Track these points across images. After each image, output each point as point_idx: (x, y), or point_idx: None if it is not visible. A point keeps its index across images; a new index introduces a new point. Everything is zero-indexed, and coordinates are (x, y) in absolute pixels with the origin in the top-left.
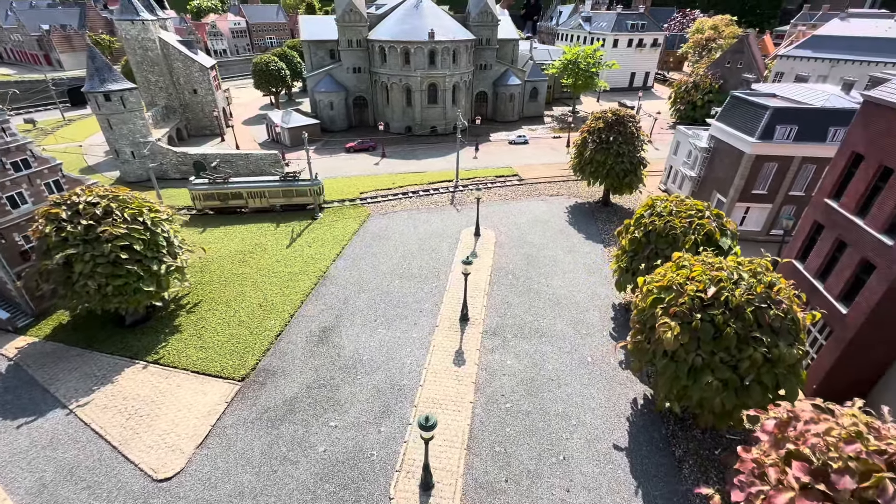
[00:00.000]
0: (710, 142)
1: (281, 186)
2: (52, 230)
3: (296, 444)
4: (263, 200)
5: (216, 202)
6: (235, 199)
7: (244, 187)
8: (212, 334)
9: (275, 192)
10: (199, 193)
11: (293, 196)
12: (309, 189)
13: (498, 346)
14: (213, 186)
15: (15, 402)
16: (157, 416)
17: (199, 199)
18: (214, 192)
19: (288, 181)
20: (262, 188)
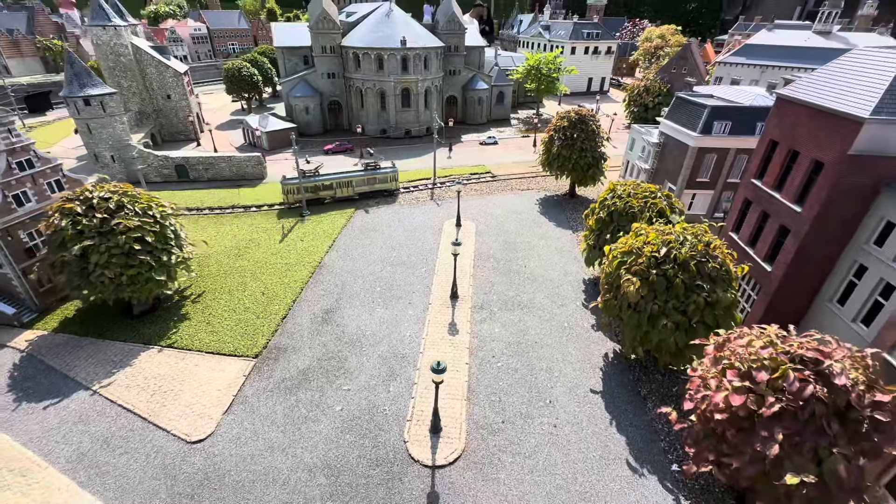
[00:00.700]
0: (660, 138)
1: (365, 175)
2: (69, 224)
3: (314, 405)
4: (349, 189)
5: (308, 194)
6: (326, 190)
7: (334, 179)
8: (220, 320)
9: (360, 180)
10: (293, 187)
11: (375, 183)
12: (388, 176)
13: (486, 317)
14: (307, 179)
15: (36, 388)
16: (181, 391)
17: (293, 192)
18: (309, 184)
19: (370, 170)
20: (349, 178)
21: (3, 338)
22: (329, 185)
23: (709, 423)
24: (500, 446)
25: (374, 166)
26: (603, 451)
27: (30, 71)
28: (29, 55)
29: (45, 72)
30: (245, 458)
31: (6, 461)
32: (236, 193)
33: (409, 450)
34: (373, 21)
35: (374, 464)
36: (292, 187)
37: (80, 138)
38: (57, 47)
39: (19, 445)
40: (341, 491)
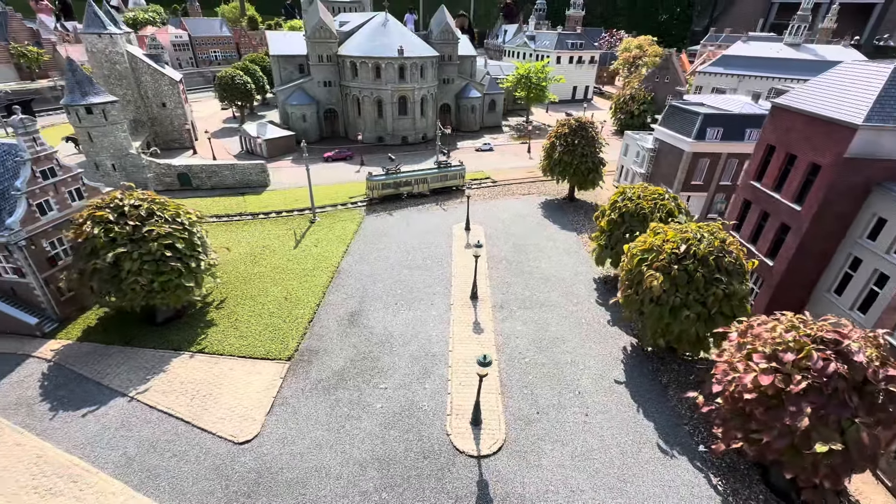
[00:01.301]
0: (655, 143)
1: (439, 172)
2: (101, 231)
3: (354, 404)
4: (425, 185)
5: (390, 190)
6: (405, 186)
7: (412, 176)
8: (247, 325)
9: (434, 177)
10: (378, 183)
11: (447, 179)
12: (458, 173)
13: (507, 316)
14: (390, 176)
15: (70, 396)
16: (220, 395)
17: (377, 188)
18: (391, 181)
19: (443, 168)
20: (425, 175)
21: (28, 348)
22: (408, 181)
23: (737, 403)
24: (538, 435)
25: (446, 164)
26: (634, 436)
27: (3, 78)
28: (2, 62)
29: (18, 79)
30: (295, 456)
31: (54, 468)
32: (242, 201)
33: (453, 442)
34: (368, 30)
35: (422, 456)
36: (377, 183)
37: (70, 147)
38: (32, 54)
39: (64, 452)
40: (394, 483)
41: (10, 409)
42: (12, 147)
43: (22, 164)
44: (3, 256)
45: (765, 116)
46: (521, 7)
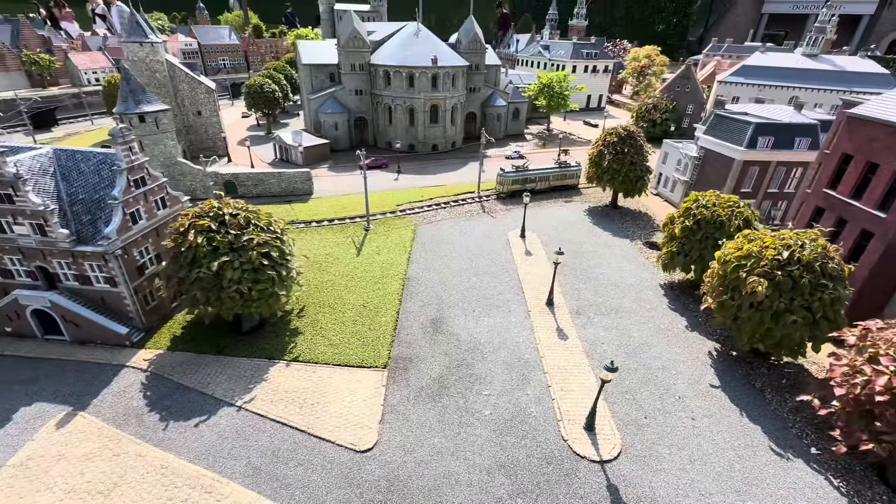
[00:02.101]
0: (700, 151)
1: (559, 171)
2: (204, 240)
3: (463, 411)
4: (546, 183)
5: (518, 186)
6: (531, 183)
7: (537, 174)
8: (334, 333)
9: (555, 176)
10: (508, 179)
11: (565, 178)
12: (575, 172)
13: (586, 322)
14: (518, 173)
15: (176, 406)
16: (327, 403)
17: (507, 183)
18: (520, 178)
19: (563, 167)
20: (547, 174)
21: (121, 357)
22: (534, 178)
23: (863, 405)
24: (651, 440)
25: (566, 164)
26: (745, 440)
27: (14, 85)
28: (14, 69)
29: (29, 86)
30: (420, 464)
31: (183, 479)
32: (290, 209)
33: (572, 447)
34: (400, 40)
35: (545, 462)
36: (507, 180)
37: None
38: (44, 61)
39: (188, 463)
40: (525, 489)
41: (119, 419)
42: (108, 156)
43: (119, 174)
44: (97, 265)
45: (814, 126)
46: (517, 18)
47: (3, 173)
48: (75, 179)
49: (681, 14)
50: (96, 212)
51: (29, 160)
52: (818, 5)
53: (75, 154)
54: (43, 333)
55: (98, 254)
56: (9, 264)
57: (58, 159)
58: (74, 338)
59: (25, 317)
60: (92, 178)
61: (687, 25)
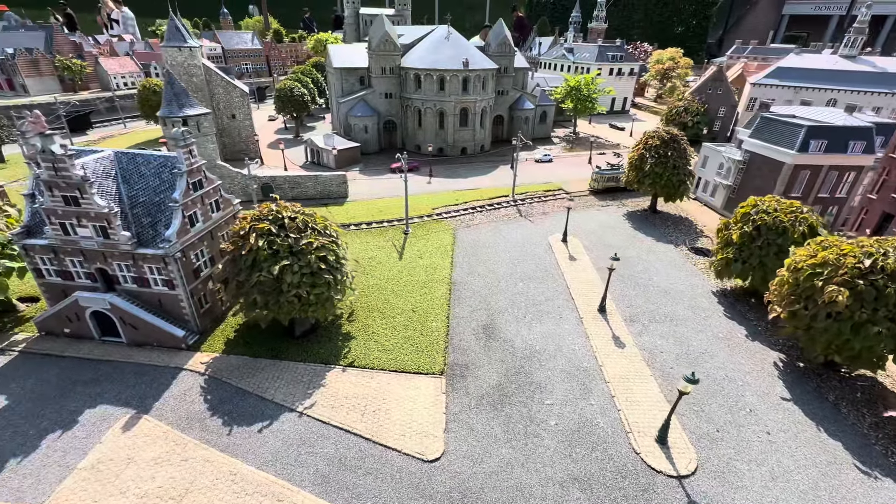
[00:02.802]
0: (744, 155)
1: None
2: (265, 244)
3: (527, 420)
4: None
5: (612, 183)
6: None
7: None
8: (386, 338)
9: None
10: (604, 177)
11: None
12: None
13: (641, 330)
14: (612, 171)
15: (237, 411)
16: (389, 410)
17: (602, 180)
18: (614, 175)
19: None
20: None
21: (178, 360)
22: (619, 178)
23: None
24: (728, 455)
25: (618, 166)
26: (826, 456)
27: (48, 89)
28: (47, 74)
29: (61, 90)
30: (490, 475)
31: (253, 486)
32: (327, 212)
33: (645, 461)
34: (430, 43)
35: (620, 475)
36: (603, 177)
37: None
38: (76, 66)
39: (257, 469)
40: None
41: (183, 423)
42: (168, 159)
43: (179, 177)
44: (156, 268)
45: (869, 129)
46: (534, 21)
47: (70, 176)
48: (136, 182)
49: (700, 16)
50: (156, 214)
51: (93, 163)
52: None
53: (136, 157)
54: (100, 335)
55: (158, 256)
56: (70, 266)
57: (119, 162)
58: (131, 340)
59: (85, 318)
60: (152, 181)
61: (707, 28)
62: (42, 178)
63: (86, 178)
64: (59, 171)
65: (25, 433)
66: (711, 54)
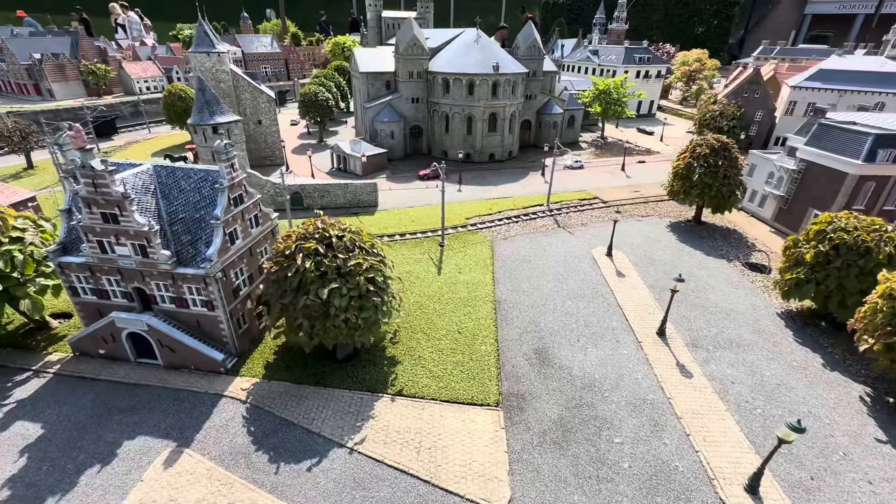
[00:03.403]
0: (799, 164)
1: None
2: (312, 265)
3: (598, 462)
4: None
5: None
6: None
7: None
8: (433, 363)
9: None
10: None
11: None
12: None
13: (707, 357)
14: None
15: (284, 445)
16: (445, 448)
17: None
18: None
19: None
20: None
21: (217, 386)
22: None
23: None
24: None
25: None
26: None
27: (72, 94)
28: (73, 79)
29: (86, 95)
30: None
31: None
32: (359, 222)
33: None
34: (458, 46)
35: None
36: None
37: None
38: (101, 71)
39: None
40: None
41: (227, 458)
42: (209, 173)
43: (220, 192)
44: (195, 288)
45: None
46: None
47: (111, 192)
48: (175, 198)
49: (722, 16)
50: (197, 231)
51: (132, 178)
52: (865, 6)
53: (175, 171)
54: (136, 356)
55: (199, 277)
56: (106, 284)
57: (158, 177)
58: (168, 362)
59: (121, 339)
60: (192, 197)
61: (729, 28)
62: (81, 194)
63: (126, 195)
64: (98, 188)
65: (63, 468)
66: (733, 55)
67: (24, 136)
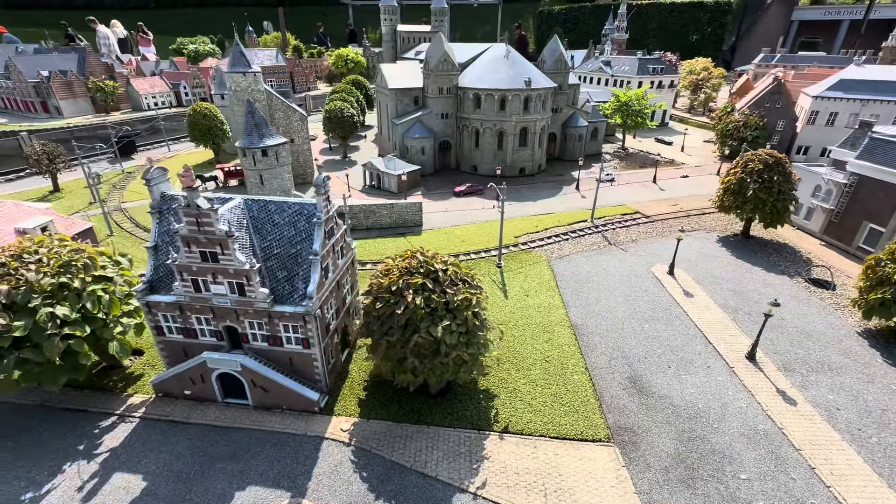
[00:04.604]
0: (850, 178)
1: None
2: (422, 301)
3: (730, 502)
4: None
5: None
6: None
7: None
8: (531, 396)
9: None
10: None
11: None
12: None
13: (803, 382)
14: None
15: (404, 493)
16: (571, 490)
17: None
18: None
19: None
20: None
21: (315, 427)
22: None
23: None
24: None
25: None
26: None
27: (80, 111)
28: (80, 96)
29: (93, 112)
30: None
31: None
32: (406, 242)
33: None
34: (488, 62)
35: None
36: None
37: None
38: (109, 87)
39: None
40: None
41: None
42: (303, 207)
43: (317, 226)
44: (291, 326)
45: None
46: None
47: (214, 231)
48: (269, 232)
49: (715, 24)
50: (293, 267)
51: (227, 213)
52: (851, 12)
53: (268, 205)
54: (223, 397)
55: (298, 315)
56: (195, 323)
57: (249, 210)
58: (258, 403)
59: (210, 380)
60: (287, 231)
61: (722, 35)
62: (181, 233)
63: (230, 234)
64: (202, 226)
65: None
66: (726, 62)
67: (51, 158)
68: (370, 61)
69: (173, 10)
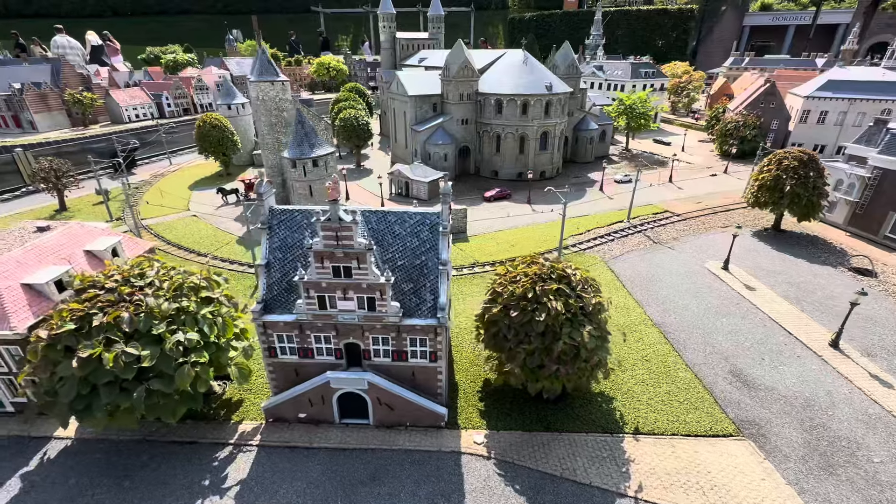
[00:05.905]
0: (874, 172)
1: None
2: (562, 306)
3: (876, 484)
4: None
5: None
6: None
7: None
8: (647, 396)
9: None
10: None
11: None
12: None
13: (889, 366)
14: None
15: (563, 501)
16: (725, 486)
17: None
18: None
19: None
20: None
21: (448, 443)
22: None
23: None
24: None
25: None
26: None
27: (56, 125)
28: (56, 108)
29: (70, 125)
30: None
31: None
32: (458, 250)
33: None
34: (507, 68)
35: None
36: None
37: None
38: (87, 99)
39: None
40: None
41: None
42: (426, 216)
43: (443, 236)
44: (419, 339)
45: None
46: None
47: (353, 245)
48: (390, 244)
49: (679, 29)
50: (419, 279)
51: None
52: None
53: (387, 215)
54: (340, 417)
55: (430, 327)
56: (313, 342)
57: (367, 222)
58: (380, 421)
59: (330, 401)
60: (410, 242)
61: (686, 40)
62: (316, 248)
63: (370, 247)
64: (341, 240)
65: None
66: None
67: (58, 175)
68: (352, 69)
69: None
